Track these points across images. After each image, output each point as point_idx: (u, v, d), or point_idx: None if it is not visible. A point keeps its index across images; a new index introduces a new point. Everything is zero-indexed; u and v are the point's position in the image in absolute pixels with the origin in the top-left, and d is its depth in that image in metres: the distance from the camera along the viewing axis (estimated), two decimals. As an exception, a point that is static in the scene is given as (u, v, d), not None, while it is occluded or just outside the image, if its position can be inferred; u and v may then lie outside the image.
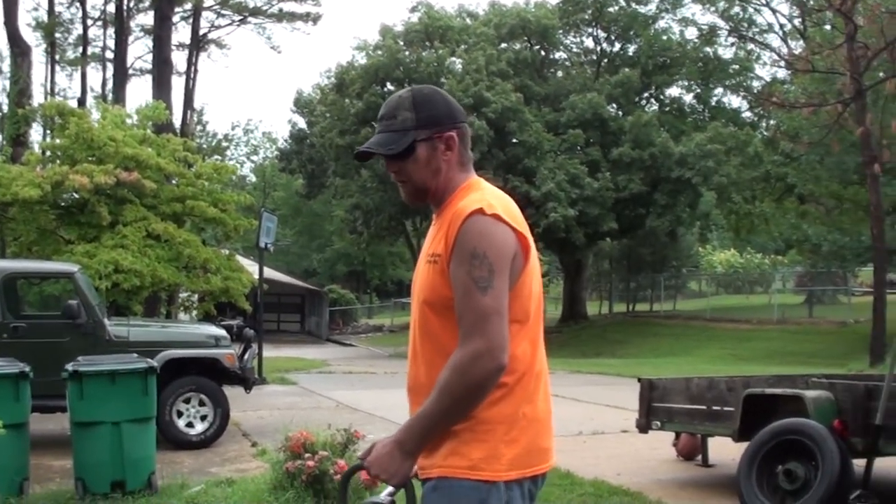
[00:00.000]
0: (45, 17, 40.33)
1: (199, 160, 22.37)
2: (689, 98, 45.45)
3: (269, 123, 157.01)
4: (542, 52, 42.63)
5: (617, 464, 10.25)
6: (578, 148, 38.00)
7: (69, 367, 9.17)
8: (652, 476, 9.59)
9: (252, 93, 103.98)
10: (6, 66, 38.89)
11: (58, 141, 21.47)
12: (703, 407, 8.77)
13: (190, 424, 12.27)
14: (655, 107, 43.95)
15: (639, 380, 9.80)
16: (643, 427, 9.54)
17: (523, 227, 2.90)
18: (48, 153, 21.88)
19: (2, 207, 19.97)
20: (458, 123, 3.03)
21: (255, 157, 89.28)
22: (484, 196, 2.90)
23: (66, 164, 19.94)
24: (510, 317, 2.82)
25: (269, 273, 55.61)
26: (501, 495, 2.79)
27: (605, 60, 42.89)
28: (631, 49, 43.06)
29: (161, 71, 33.89)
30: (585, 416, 14.06)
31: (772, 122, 40.18)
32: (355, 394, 18.76)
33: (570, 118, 37.18)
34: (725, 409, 8.39)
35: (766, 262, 56.36)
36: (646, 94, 43.73)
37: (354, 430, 8.37)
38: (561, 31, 42.02)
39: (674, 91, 45.17)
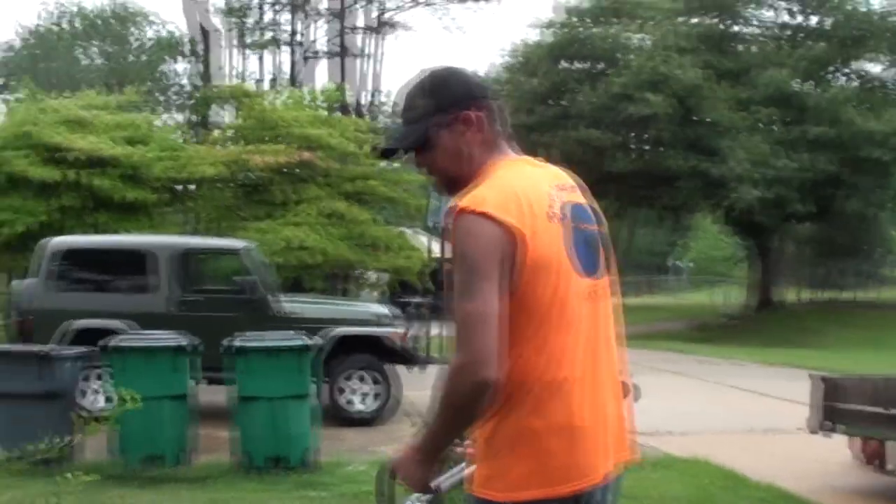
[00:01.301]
0: (232, 3, 41.29)
1: (376, 140, 22.35)
2: (888, 73, 42.57)
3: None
4: (728, 26, 40.87)
5: (794, 466, 9.52)
6: (766, 126, 36.28)
7: (233, 342, 9.17)
8: (827, 481, 8.88)
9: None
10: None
11: (239, 121, 21.81)
12: (882, 409, 7.97)
13: (357, 402, 12.17)
14: (853, 82, 41.35)
15: (809, 375, 9.02)
16: (814, 428, 8.70)
17: (530, 218, 2.56)
18: (229, 133, 22.16)
19: (185, 185, 20.43)
20: (478, 100, 2.75)
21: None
22: (482, 187, 2.61)
23: (245, 144, 20.21)
24: (517, 322, 2.54)
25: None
26: None
27: (798, 34, 40.68)
28: (827, 21, 40.67)
29: (343, 53, 34.25)
30: (766, 412, 13.27)
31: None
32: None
33: (757, 95, 35.56)
34: None
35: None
36: (837, 69, 41.22)
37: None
38: (753, 4, 40.07)
39: (870, 66, 42.36)
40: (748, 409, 13.07)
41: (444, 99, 2.74)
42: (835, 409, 8.55)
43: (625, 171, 35.69)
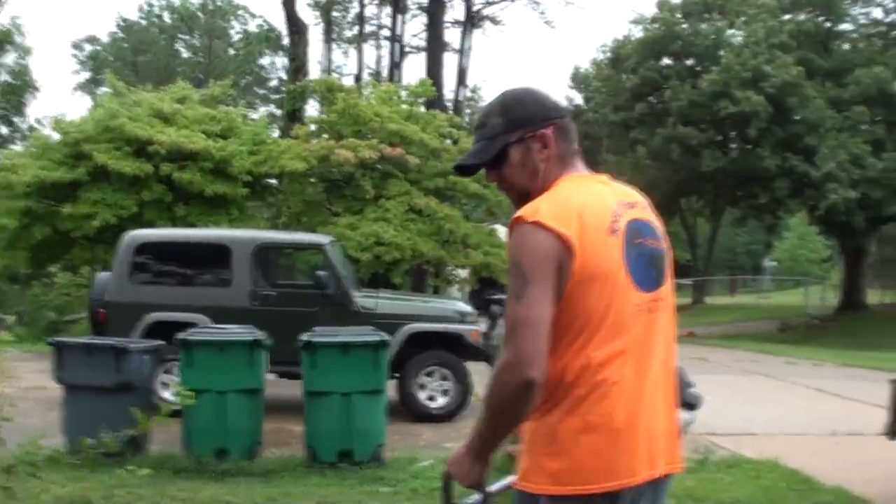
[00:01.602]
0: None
1: (464, 136, 22.42)
2: None
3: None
4: (827, 24, 40.17)
5: (868, 470, 9.35)
6: (863, 126, 35.56)
7: (304, 336, 9.29)
8: (897, 487, 8.75)
9: (529, 69, 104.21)
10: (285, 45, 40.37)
11: (325, 116, 22.07)
12: None
13: (431, 398, 12.26)
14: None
15: (890, 380, 8.87)
16: (893, 433, 8.61)
17: (587, 231, 2.71)
18: (316, 127, 22.43)
19: (272, 179, 20.76)
20: (552, 119, 2.91)
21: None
22: (541, 199, 2.78)
23: (333, 138, 20.44)
24: (563, 326, 2.70)
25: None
26: None
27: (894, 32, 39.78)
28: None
29: (433, 48, 34.38)
30: (844, 415, 13.06)
31: None
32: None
33: (854, 94, 34.84)
34: None
35: None
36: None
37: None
38: (849, 1, 39.36)
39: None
40: (827, 411, 12.89)
41: (517, 118, 2.89)
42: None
43: (718, 169, 35.33)
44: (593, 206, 2.77)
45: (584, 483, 2.68)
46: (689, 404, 3.19)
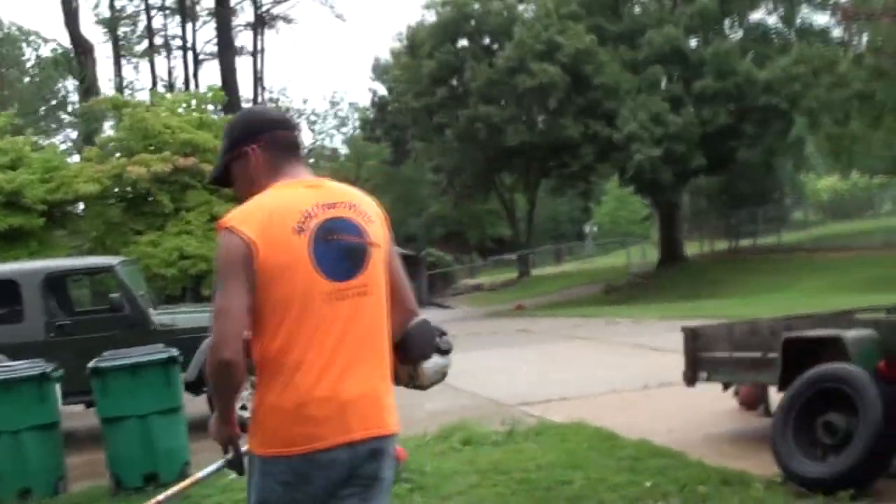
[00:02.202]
0: (107, 13, 40.57)
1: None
2: (773, 20, 43.31)
3: (354, 94, 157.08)
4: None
5: (673, 418, 9.61)
6: (660, 85, 36.70)
7: (91, 363, 8.96)
8: (705, 431, 8.93)
9: (331, 65, 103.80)
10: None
11: (114, 134, 21.47)
12: (748, 354, 8.02)
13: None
14: (738, 33, 41.99)
15: (682, 329, 9.12)
16: (690, 380, 8.80)
17: (271, 230, 3.13)
18: (109, 147, 21.77)
19: (68, 205, 20.08)
20: (259, 135, 3.34)
21: (344, 129, 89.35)
22: (239, 207, 3.24)
23: (126, 156, 19.90)
24: (264, 314, 3.16)
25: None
26: (259, 465, 3.21)
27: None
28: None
29: (225, 53, 33.90)
30: (659, 368, 13.29)
31: (865, 38, 38.19)
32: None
33: (648, 55, 35.94)
34: (769, 355, 7.63)
35: (876, 182, 53.94)
36: (726, 22, 41.83)
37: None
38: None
39: (756, 15, 43.05)
40: (643, 366, 13.17)
41: (232, 138, 3.40)
42: (699, 358, 8.65)
43: (524, 143, 35.89)
44: (283, 209, 3.18)
45: (285, 446, 3.14)
46: (443, 350, 3.64)
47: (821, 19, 42.22)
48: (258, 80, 40.47)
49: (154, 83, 39.61)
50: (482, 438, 9.27)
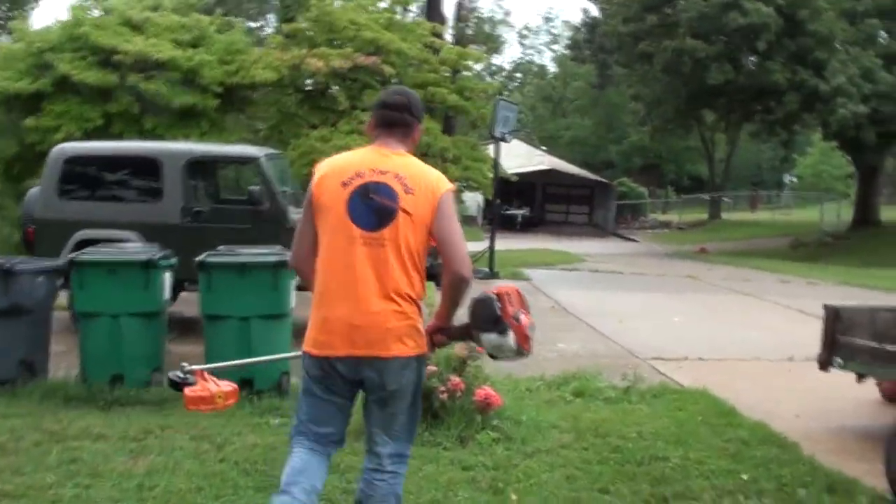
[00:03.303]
0: None
1: (448, 47, 21.54)
2: None
3: (568, 13, 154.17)
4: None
5: (805, 400, 8.73)
6: (876, 39, 34.22)
7: (200, 256, 8.69)
8: (835, 421, 8.06)
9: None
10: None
11: (300, 24, 21.17)
12: (887, 347, 7.05)
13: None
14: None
15: (824, 306, 8.18)
16: (823, 363, 7.90)
17: (327, 179, 4.22)
18: (294, 37, 21.49)
19: (245, 90, 20.02)
20: (375, 110, 4.42)
21: (555, 46, 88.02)
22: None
23: (308, 47, 19.62)
24: (315, 240, 4.28)
25: (558, 164, 54.96)
26: (306, 360, 4.29)
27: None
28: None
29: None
30: (812, 338, 12.25)
31: None
32: (582, 294, 17.67)
33: (868, 6, 33.48)
34: None
35: None
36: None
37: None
38: None
39: None
40: (796, 334, 12.04)
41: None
42: (838, 341, 7.75)
43: (728, 83, 34.24)
44: (344, 165, 4.25)
45: (311, 347, 4.24)
46: (500, 330, 4.21)
47: None
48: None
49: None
50: (596, 392, 8.69)
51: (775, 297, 17.87)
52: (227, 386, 5.76)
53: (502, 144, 20.90)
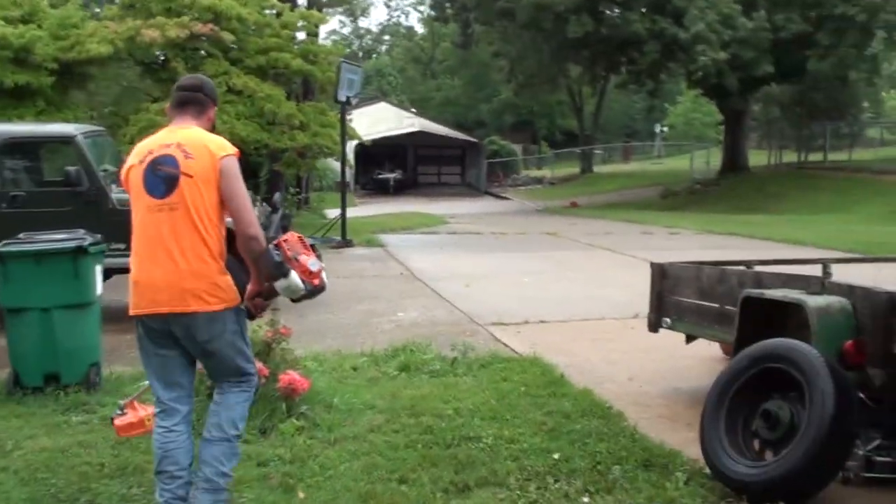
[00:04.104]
0: None
1: (288, 10, 20.87)
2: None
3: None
4: None
5: (642, 362, 8.45)
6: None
7: (-7, 247, 8.05)
8: (669, 384, 7.78)
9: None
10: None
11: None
12: (713, 305, 6.76)
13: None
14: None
15: (650, 265, 7.91)
16: (652, 324, 7.62)
17: (131, 160, 4.67)
18: (130, 7, 20.60)
19: (82, 65, 19.11)
20: (172, 94, 4.84)
21: (421, 8, 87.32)
22: None
23: (142, 17, 18.79)
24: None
25: (428, 125, 54.60)
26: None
27: None
28: None
29: None
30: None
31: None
32: (433, 258, 17.34)
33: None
34: (727, 309, 6.44)
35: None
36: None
37: (283, 326, 6.95)
38: None
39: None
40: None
41: None
42: (666, 300, 7.46)
43: (591, 35, 34.08)
44: (141, 148, 4.68)
45: (132, 309, 4.63)
46: (282, 274, 4.61)
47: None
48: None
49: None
50: (421, 365, 8.30)
51: (634, 250, 17.72)
52: (152, 408, 5.26)
53: (371, 109, 20.53)
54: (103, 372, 8.20)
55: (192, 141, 4.56)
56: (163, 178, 4.51)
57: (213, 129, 4.79)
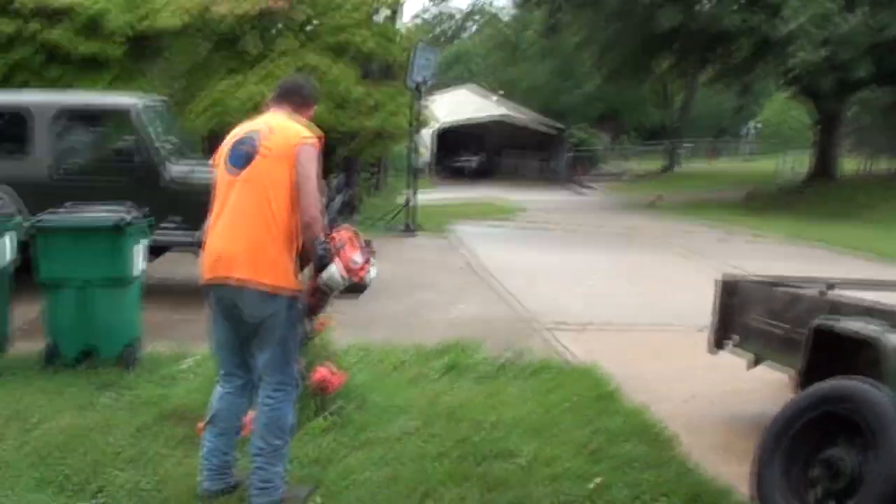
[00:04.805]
0: None
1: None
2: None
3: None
4: None
5: (704, 379, 7.87)
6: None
7: (34, 219, 7.85)
8: (731, 407, 7.23)
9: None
10: None
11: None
12: (781, 329, 6.10)
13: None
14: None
15: (716, 280, 7.15)
16: (715, 343, 6.97)
17: (222, 144, 4.93)
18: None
19: (154, 37, 18.95)
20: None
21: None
22: None
23: (219, -10, 18.56)
24: None
25: (512, 112, 54.08)
26: None
27: None
28: None
29: None
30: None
31: None
32: (502, 251, 16.97)
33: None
34: (796, 334, 5.83)
35: None
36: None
37: (322, 318, 6.57)
38: None
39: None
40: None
41: None
42: (733, 319, 6.89)
43: (676, 29, 33.18)
44: (233, 132, 4.94)
45: (202, 275, 4.85)
46: (324, 265, 4.54)
47: None
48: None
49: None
50: (468, 369, 7.90)
51: (711, 255, 17.02)
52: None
53: (453, 93, 20.13)
54: (142, 350, 8.00)
55: (279, 123, 4.81)
56: (243, 153, 4.73)
57: None
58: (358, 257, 4.61)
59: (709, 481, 5.36)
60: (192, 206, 8.86)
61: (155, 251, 10.52)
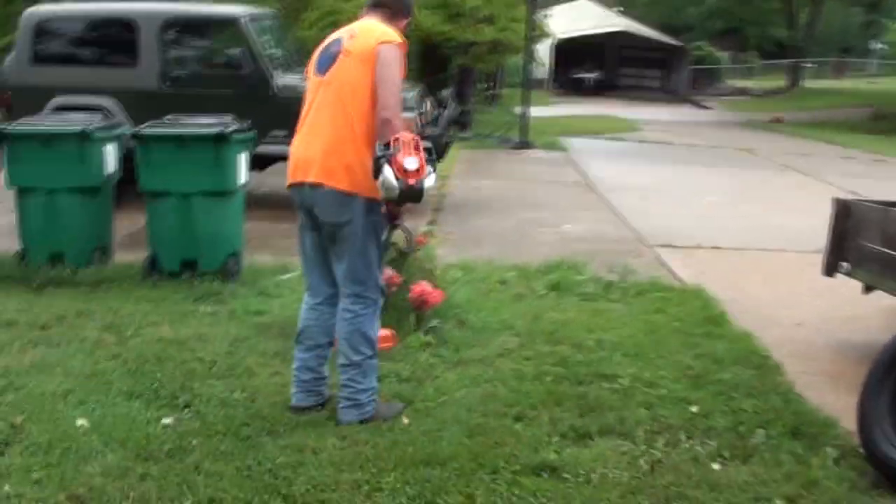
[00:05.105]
0: None
1: None
2: None
3: None
4: None
5: (814, 306, 7.55)
6: None
7: (137, 128, 7.87)
8: (839, 335, 6.87)
9: None
10: None
11: None
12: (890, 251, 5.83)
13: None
14: None
15: (833, 200, 6.86)
16: (829, 267, 6.65)
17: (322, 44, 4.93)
18: None
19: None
20: None
21: None
22: None
23: None
24: None
25: (632, 26, 52.86)
26: None
27: None
28: None
29: None
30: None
31: None
32: (615, 168, 16.55)
33: None
34: None
35: None
36: None
37: (421, 234, 6.48)
38: None
39: None
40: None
41: None
42: (846, 243, 6.56)
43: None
44: (336, 33, 4.86)
45: (288, 178, 4.81)
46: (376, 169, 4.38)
47: None
48: None
49: None
50: (572, 286, 7.72)
51: (832, 176, 16.41)
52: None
53: (573, 6, 19.65)
54: (244, 262, 7.99)
55: (364, 26, 4.75)
56: (328, 56, 4.70)
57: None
58: (412, 162, 4.35)
59: (812, 412, 5.09)
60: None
61: (263, 162, 10.56)
